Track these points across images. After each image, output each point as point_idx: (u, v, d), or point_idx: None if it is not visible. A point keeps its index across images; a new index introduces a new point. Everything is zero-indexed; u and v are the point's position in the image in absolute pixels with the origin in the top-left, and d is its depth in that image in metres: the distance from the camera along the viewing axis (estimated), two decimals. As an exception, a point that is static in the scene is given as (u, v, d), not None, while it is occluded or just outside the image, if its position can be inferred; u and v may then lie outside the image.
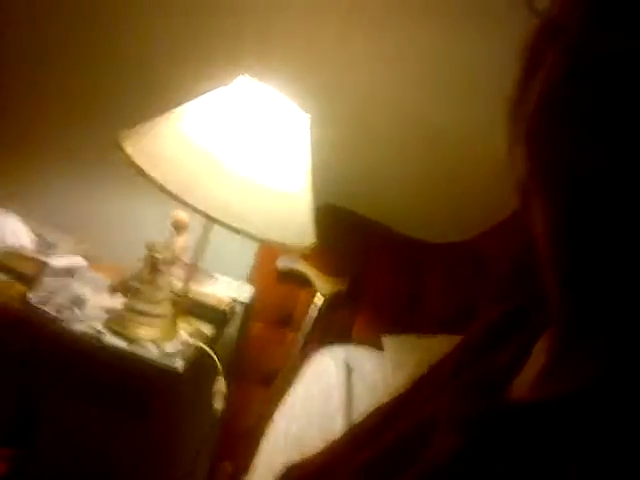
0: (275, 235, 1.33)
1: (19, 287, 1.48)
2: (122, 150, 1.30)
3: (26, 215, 1.71)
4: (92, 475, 1.81)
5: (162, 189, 1.26)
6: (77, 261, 1.53)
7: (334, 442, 0.57)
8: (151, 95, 1.60)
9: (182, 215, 1.41)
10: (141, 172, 1.28)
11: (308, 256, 1.74)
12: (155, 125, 1.34)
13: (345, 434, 0.57)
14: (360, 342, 1.73)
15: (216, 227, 1.45)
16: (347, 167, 1.79)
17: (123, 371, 1.41)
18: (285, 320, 1.78)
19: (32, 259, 1.53)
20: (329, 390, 1.52)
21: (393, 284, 1.78)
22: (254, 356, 1.78)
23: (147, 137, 1.32)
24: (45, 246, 1.65)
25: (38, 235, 1.69)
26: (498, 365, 0.47)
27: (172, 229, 1.42)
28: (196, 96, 1.39)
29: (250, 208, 1.30)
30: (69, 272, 1.51)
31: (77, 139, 1.80)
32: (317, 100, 1.54)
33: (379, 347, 1.66)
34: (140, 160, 1.28)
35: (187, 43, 1.75)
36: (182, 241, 1.42)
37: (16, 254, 1.56)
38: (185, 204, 1.28)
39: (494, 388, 0.44)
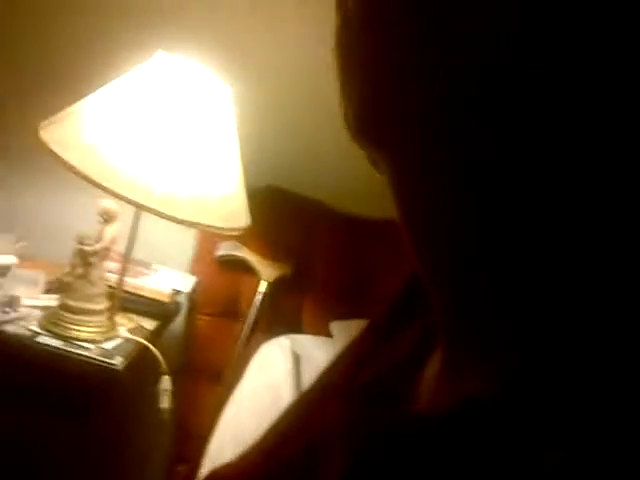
0: (205, 219, 1.28)
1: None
2: (41, 141, 1.25)
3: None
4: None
5: (83, 177, 1.21)
6: (8, 260, 1.47)
7: (250, 447, 0.52)
8: (71, 81, 1.55)
9: (109, 204, 1.36)
10: (62, 162, 1.23)
11: (249, 242, 1.69)
12: (73, 112, 1.28)
13: (258, 440, 0.52)
14: (309, 329, 1.69)
15: (148, 216, 1.40)
16: (284, 146, 1.74)
17: (60, 372, 1.36)
18: (231, 311, 1.73)
19: (-40, 261, 1.46)
20: (277, 384, 1.47)
21: (340, 265, 1.74)
22: (202, 351, 1.72)
23: (66, 125, 1.27)
24: (-24, 248, 1.59)
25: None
26: (395, 360, 0.41)
27: (101, 219, 1.37)
28: (114, 77, 1.33)
29: (177, 192, 1.25)
30: (1, 272, 1.44)
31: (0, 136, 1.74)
32: (242, 73, 1.49)
33: (328, 333, 1.62)
34: (59, 149, 1.23)
35: (101, 22, 1.70)
36: (112, 231, 1.37)
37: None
38: (109, 192, 1.23)
39: (390, 394, 0.38)
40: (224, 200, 1.33)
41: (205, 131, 1.33)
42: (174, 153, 1.26)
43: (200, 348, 1.72)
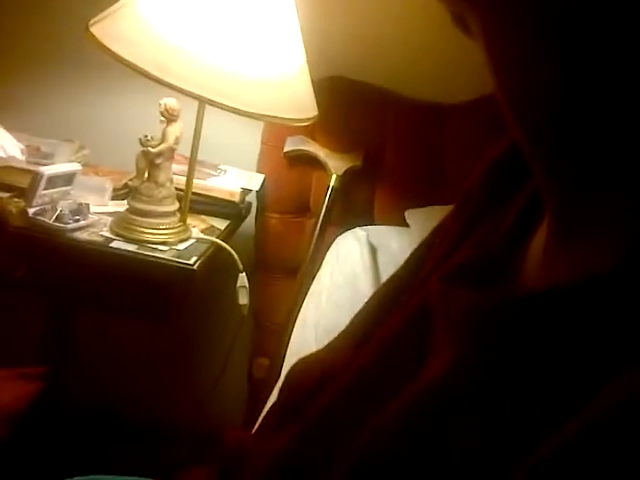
0: (271, 110, 1.22)
1: (18, 202, 1.41)
2: (93, 38, 1.19)
3: (17, 128, 1.62)
4: (126, 382, 1.81)
5: (141, 72, 1.15)
6: (74, 167, 1.45)
7: (339, 335, 0.52)
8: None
9: (171, 102, 1.30)
10: (117, 58, 1.17)
11: (317, 136, 1.63)
12: (124, 5, 1.21)
13: (347, 327, 0.52)
14: (382, 220, 1.64)
15: (212, 116, 1.35)
16: (346, 33, 1.64)
17: (136, 275, 1.36)
18: (301, 207, 1.69)
19: (26, 171, 1.45)
20: (355, 275, 1.45)
21: (411, 153, 1.66)
22: (275, 248, 1.70)
23: (118, 19, 1.21)
24: (42, 157, 1.57)
25: (33, 147, 1.61)
26: (496, 238, 0.39)
27: (162, 119, 1.32)
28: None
29: (240, 84, 1.19)
30: (67, 180, 1.42)
31: (53, 41, 1.69)
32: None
33: (403, 223, 1.57)
34: (114, 45, 1.17)
35: None
36: (176, 130, 1.32)
37: (8, 168, 1.48)
38: (169, 86, 1.17)
39: (494, 273, 0.36)
40: (290, 89, 1.26)
41: (265, 17, 1.24)
42: (235, 42, 1.19)
43: (273, 245, 1.70)
